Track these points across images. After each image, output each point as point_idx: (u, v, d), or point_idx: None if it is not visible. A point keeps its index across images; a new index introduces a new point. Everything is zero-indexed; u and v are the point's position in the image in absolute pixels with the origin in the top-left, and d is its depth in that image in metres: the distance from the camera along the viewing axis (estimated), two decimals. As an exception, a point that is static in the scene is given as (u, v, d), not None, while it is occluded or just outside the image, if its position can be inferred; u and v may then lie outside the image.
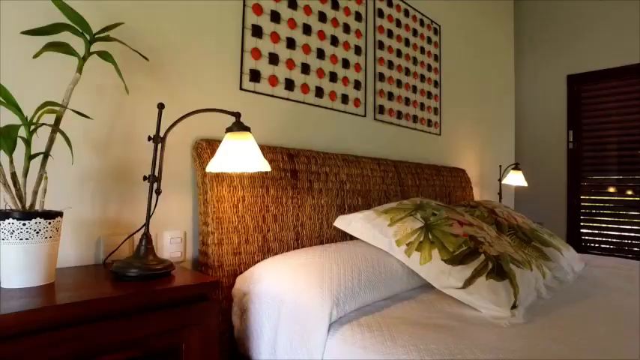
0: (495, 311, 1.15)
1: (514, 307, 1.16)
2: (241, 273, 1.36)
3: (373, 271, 1.26)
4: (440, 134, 2.53)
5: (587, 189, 3.76)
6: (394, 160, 2.05)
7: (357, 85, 1.98)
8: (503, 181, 2.84)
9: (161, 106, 1.11)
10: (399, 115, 2.21)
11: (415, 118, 2.32)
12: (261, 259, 1.42)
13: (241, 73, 1.55)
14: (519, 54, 3.99)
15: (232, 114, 1.15)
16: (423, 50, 2.40)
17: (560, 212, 3.77)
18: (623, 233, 3.57)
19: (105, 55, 1.02)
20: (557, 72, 3.83)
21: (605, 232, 3.68)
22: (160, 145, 1.12)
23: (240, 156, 1.12)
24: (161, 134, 1.12)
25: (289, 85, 1.70)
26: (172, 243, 1.37)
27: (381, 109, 2.10)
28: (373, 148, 2.05)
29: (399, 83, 2.21)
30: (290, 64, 1.71)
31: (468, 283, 1.21)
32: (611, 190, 3.69)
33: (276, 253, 1.47)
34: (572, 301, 1.32)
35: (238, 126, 1.14)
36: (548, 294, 1.36)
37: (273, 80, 1.65)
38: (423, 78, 2.39)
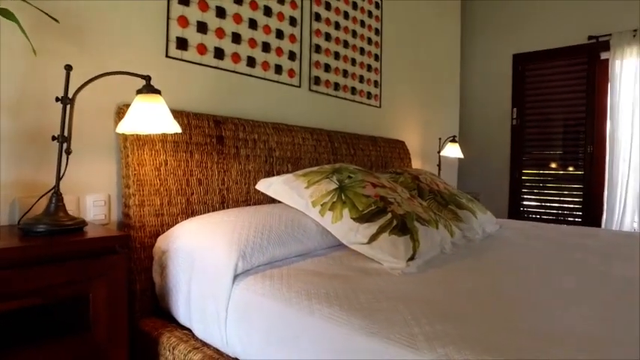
0: (393, 263, 1.25)
1: (412, 259, 1.27)
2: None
3: (285, 229, 1.34)
4: (380, 107, 2.61)
5: (529, 163, 3.97)
6: (328, 130, 2.13)
7: (292, 56, 2.02)
8: (442, 153, 2.97)
9: (68, 68, 1.12)
10: (337, 86, 2.27)
11: (354, 90, 2.39)
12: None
13: (167, 40, 1.56)
14: (467, 32, 4.09)
15: (142, 77, 1.18)
16: (363, 24, 2.45)
17: (503, 184, 3.97)
18: (562, 205, 3.80)
19: (6, 14, 1.03)
20: (503, 51, 3.96)
21: (545, 204, 3.91)
22: (68, 107, 1.14)
23: (149, 118, 1.16)
24: (70, 96, 1.15)
25: (219, 54, 1.73)
26: (96, 206, 1.40)
27: (317, 81, 2.15)
28: (308, 119, 2.11)
29: (336, 55, 2.27)
30: (220, 33, 1.73)
31: (373, 238, 1.30)
32: (553, 165, 3.91)
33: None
34: (470, 255, 1.44)
35: (148, 88, 1.17)
36: (452, 250, 1.48)
37: (202, 49, 1.67)
38: (362, 51, 2.45)
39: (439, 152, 3.01)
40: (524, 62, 3.93)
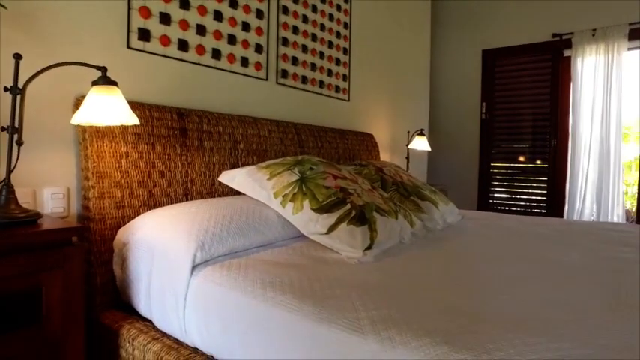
0: (351, 252, 1.29)
1: (369, 248, 1.31)
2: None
3: (246, 220, 1.35)
4: (349, 100, 2.64)
5: (498, 156, 4.08)
6: (295, 123, 2.14)
7: (259, 48, 2.02)
8: (410, 146, 3.03)
9: (17, 57, 1.11)
10: (304, 79, 2.29)
11: (322, 84, 2.41)
12: (147, 213, 1.48)
13: (129, 31, 1.54)
14: (438, 28, 4.16)
15: (98, 68, 1.17)
16: (331, 17, 2.47)
17: (473, 177, 4.07)
18: (530, 197, 3.93)
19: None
20: (473, 46, 4.05)
21: (513, 197, 4.03)
22: (19, 97, 1.12)
23: (105, 109, 1.15)
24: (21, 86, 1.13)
25: (183, 45, 1.72)
26: (54, 199, 1.38)
27: (285, 74, 2.16)
28: (275, 111, 2.12)
29: (304, 49, 2.28)
30: (184, 24, 1.72)
31: (332, 229, 1.34)
32: (521, 158, 4.03)
33: (164, 208, 1.53)
34: (427, 244, 1.49)
35: (104, 80, 1.16)
36: (411, 239, 1.53)
37: (165, 40, 1.66)
38: (331, 45, 2.47)
39: (407, 145, 3.07)
40: (493, 58, 4.03)
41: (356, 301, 0.95)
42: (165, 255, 1.22)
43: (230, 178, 1.55)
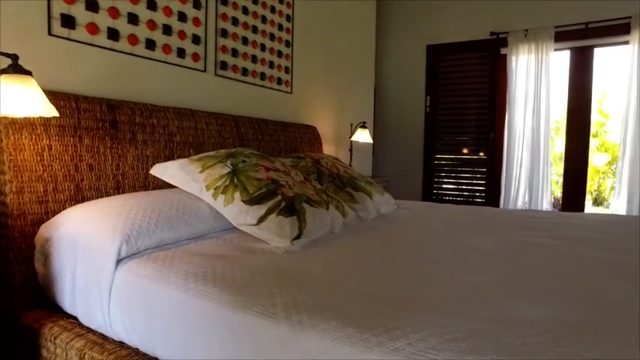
0: (279, 242, 1.32)
1: (297, 238, 1.35)
2: (48, 221, 1.37)
3: (176, 213, 1.35)
4: (291, 92, 2.66)
5: (442, 148, 4.26)
6: (235, 115, 2.14)
7: (196, 39, 2.00)
8: (352, 138, 3.11)
9: None
10: (245, 72, 2.28)
11: (263, 76, 2.41)
12: (73, 208, 1.44)
13: (50, 17, 1.48)
14: (383, 22, 4.25)
15: (7, 55, 1.12)
16: (273, 9, 2.47)
17: (418, 169, 4.23)
18: (473, 187, 4.14)
19: None
20: (418, 42, 4.18)
21: (457, 187, 4.23)
22: None
23: (16, 100, 1.10)
24: None
25: (113, 34, 1.66)
26: (-32, 194, 1.31)
27: (224, 65, 2.15)
28: (214, 104, 2.11)
29: (245, 40, 2.27)
30: (113, 12, 1.66)
31: (261, 220, 1.36)
32: (464, 150, 4.23)
33: (92, 202, 1.49)
34: (357, 234, 1.56)
35: (15, 69, 1.12)
36: (342, 229, 1.59)
37: (93, 28, 1.60)
38: (272, 37, 2.48)
39: (350, 138, 3.15)
40: (437, 53, 4.18)
41: (274, 288, 0.98)
42: (89, 250, 1.20)
43: (162, 170, 1.53)
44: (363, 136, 3.05)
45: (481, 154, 4.05)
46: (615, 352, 0.70)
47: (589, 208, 6.22)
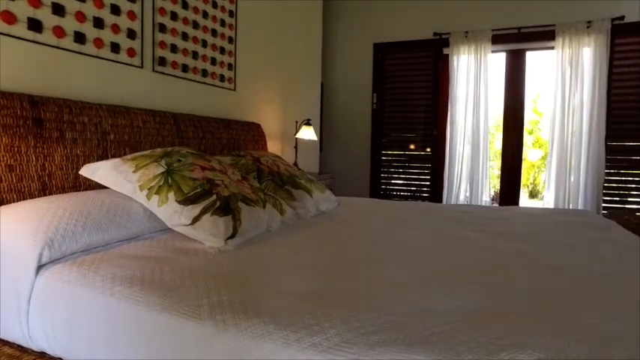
0: (213, 242, 1.32)
1: (232, 237, 1.35)
2: (-38, 226, 1.28)
3: (106, 214, 1.31)
4: (235, 90, 2.64)
5: (389, 145, 4.39)
6: (174, 113, 2.10)
7: (132, 34, 1.93)
8: (297, 136, 3.13)
9: None
10: (185, 68, 2.24)
11: (205, 73, 2.38)
12: (-8, 211, 1.36)
13: (-40, 5, 1.38)
14: (330, 20, 4.29)
15: None
16: (215, 5, 2.43)
17: (365, 165, 4.33)
18: (421, 182, 4.29)
19: None
20: (364, 39, 4.26)
21: (403, 183, 4.37)
22: None
23: None
24: None
25: (35, 25, 1.57)
26: None
27: (163, 62, 2.09)
28: (152, 101, 2.05)
29: (185, 36, 2.22)
30: (34, 1, 1.57)
31: (196, 219, 1.36)
32: (410, 146, 4.37)
33: (14, 204, 1.42)
34: (294, 232, 1.59)
35: None
36: (280, 227, 1.61)
37: (9, 17, 1.50)
38: (215, 33, 2.44)
39: (295, 135, 3.17)
40: (383, 51, 4.28)
41: (202, 288, 0.99)
42: (6, 256, 1.14)
43: (92, 170, 1.48)
44: (307, 134, 3.08)
45: (428, 149, 4.21)
46: (509, 336, 0.77)
47: (525, 200, 6.66)
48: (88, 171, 1.49)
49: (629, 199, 3.62)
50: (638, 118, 3.58)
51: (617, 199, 3.66)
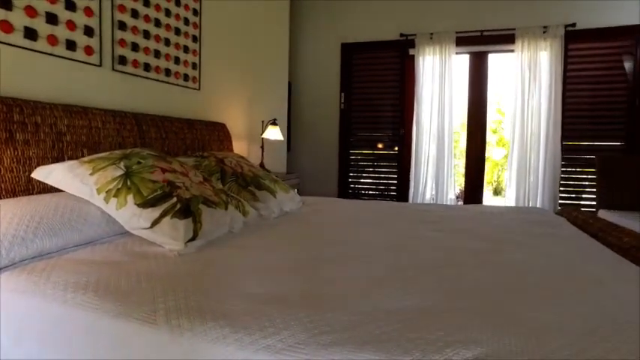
0: (172, 245, 1.31)
1: (192, 240, 1.34)
2: None
3: (61, 219, 1.28)
4: (199, 89, 2.61)
5: (357, 144, 4.44)
6: (136, 113, 2.05)
7: (89, 31, 1.88)
8: (263, 136, 3.13)
9: None
10: (147, 67, 2.19)
11: (168, 72, 2.33)
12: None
13: None
14: (298, 20, 4.29)
15: None
16: (178, 2, 2.39)
17: (333, 164, 4.37)
18: (389, 182, 4.35)
19: None
20: (332, 39, 4.29)
21: (372, 182, 4.43)
22: None
23: None
24: None
25: (-20, 21, 1.51)
26: None
27: (123, 60, 2.04)
28: (112, 101, 2.00)
29: (146, 34, 2.18)
30: (-25, -6, 1.50)
31: (155, 222, 1.34)
32: (379, 145, 4.43)
33: (-39, 209, 1.35)
34: (255, 233, 1.59)
35: None
36: (242, 229, 1.61)
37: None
38: (178, 31, 2.40)
39: (262, 135, 3.16)
40: (351, 51, 4.32)
41: (158, 293, 0.98)
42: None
43: (45, 173, 1.43)
44: (273, 134, 3.07)
45: (396, 148, 4.28)
46: (455, 333, 0.80)
47: (490, 197, 6.88)
48: (41, 174, 1.44)
49: (584, 196, 3.81)
50: (591, 119, 3.77)
51: (574, 195, 3.84)
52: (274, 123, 3.09)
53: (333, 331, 0.82)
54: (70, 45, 1.80)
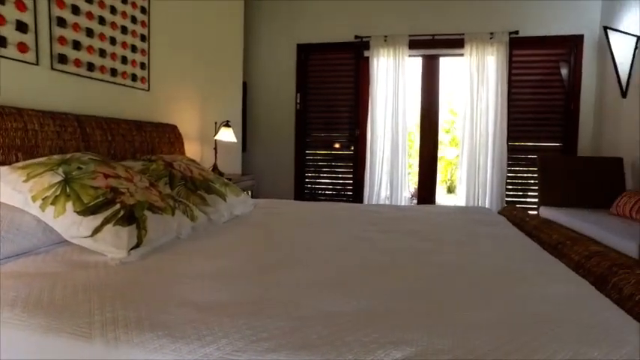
0: (115, 253, 1.27)
1: (136, 247, 1.31)
2: None
3: (-9, 230, 1.21)
4: (149, 90, 2.53)
5: (313, 145, 4.46)
6: (78, 115, 1.97)
7: (22, 27, 1.77)
8: (216, 137, 3.09)
9: None
10: (91, 67, 2.10)
11: (115, 72, 2.25)
12: None
13: None
14: (253, 20, 4.25)
15: None
16: (125, 0, 2.31)
17: (289, 166, 4.37)
18: (345, 182, 4.40)
19: None
20: (288, 41, 4.29)
21: (328, 183, 4.46)
22: None
23: None
24: None
25: None
26: None
27: (64, 59, 1.95)
28: (51, 102, 1.90)
29: (89, 32, 2.09)
30: None
31: (97, 231, 1.30)
32: (334, 146, 4.48)
33: None
34: (203, 238, 1.56)
35: None
36: (191, 234, 1.58)
37: None
38: (125, 30, 2.32)
39: (214, 137, 3.12)
40: (307, 52, 4.34)
41: (95, 305, 0.95)
42: None
43: (-27, 181, 1.35)
44: (226, 135, 3.04)
45: (352, 148, 4.33)
46: (388, 335, 0.84)
47: (443, 195, 7.14)
48: (-33, 181, 1.36)
49: (529, 194, 4.04)
50: (534, 121, 4.00)
51: (520, 193, 4.06)
52: (227, 124, 3.05)
53: (270, 338, 0.83)
54: (1, 41, 1.70)
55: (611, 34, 3.39)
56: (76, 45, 2.02)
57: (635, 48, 3.16)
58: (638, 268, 1.20)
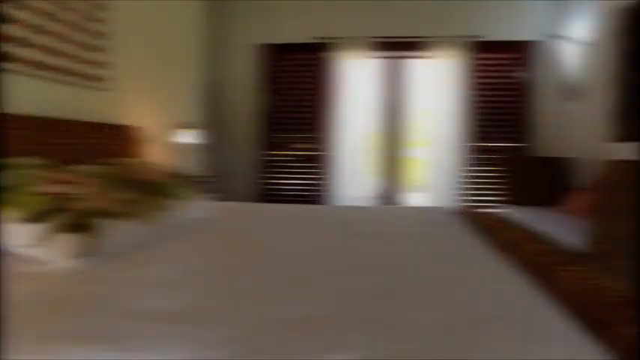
0: (61, 262, 1.23)
1: (84, 255, 1.27)
2: None
3: None
4: (107, 90, 2.45)
5: (278, 146, 4.43)
6: (30, 116, 1.88)
7: (-36, 24, 1.68)
8: (178, 139, 3.03)
9: None
10: (41, 65, 2.01)
11: (68, 71, 2.16)
12: None
13: None
14: (216, 21, 4.16)
15: None
16: (79, -4, 2.23)
17: (253, 166, 4.34)
18: (313, 182, 4.38)
19: None
20: (251, 41, 4.26)
21: (293, 184, 4.44)
22: None
23: None
24: None
25: None
26: None
27: (9, 57, 1.85)
28: (-2, 102, 1.81)
29: (39, 29, 2.00)
30: None
31: (42, 239, 1.24)
32: (299, 147, 4.46)
33: None
34: (156, 244, 1.53)
35: None
36: (144, 239, 1.54)
37: None
38: (79, 28, 2.23)
39: (175, 138, 3.05)
40: (271, 52, 4.30)
41: (32, 319, 0.92)
42: None
43: None
44: (187, 136, 2.98)
45: (316, 149, 4.33)
46: (333, 339, 0.84)
47: (411, 195, 7.23)
48: None
49: (492, 193, 4.16)
50: (497, 122, 4.13)
51: (484, 192, 4.18)
52: (189, 126, 2.99)
53: (215, 347, 0.82)
54: (-63, 39, 1.60)
55: (561, 40, 3.58)
56: (23, 42, 1.92)
57: (582, 53, 3.32)
58: (578, 265, 1.26)
